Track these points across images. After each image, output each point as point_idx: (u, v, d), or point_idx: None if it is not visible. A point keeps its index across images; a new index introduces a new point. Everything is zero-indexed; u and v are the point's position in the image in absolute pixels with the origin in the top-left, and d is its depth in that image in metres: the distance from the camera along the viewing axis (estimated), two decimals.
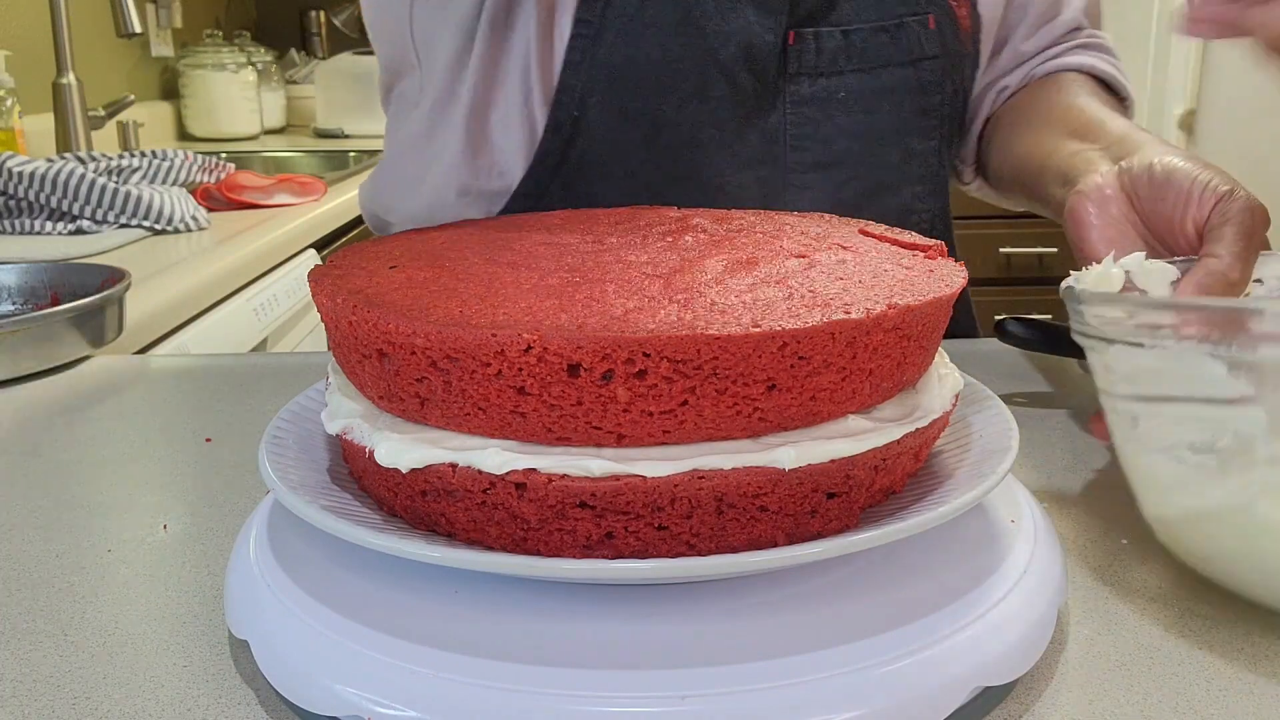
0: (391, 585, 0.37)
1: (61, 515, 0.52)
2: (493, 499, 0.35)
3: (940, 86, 0.78)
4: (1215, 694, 0.36)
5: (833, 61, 0.74)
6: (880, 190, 0.78)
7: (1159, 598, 0.42)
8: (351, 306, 0.36)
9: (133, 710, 0.36)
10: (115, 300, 0.80)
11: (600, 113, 0.72)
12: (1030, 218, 2.98)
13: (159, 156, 1.58)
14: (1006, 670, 0.35)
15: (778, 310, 0.34)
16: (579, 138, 0.73)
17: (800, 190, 0.76)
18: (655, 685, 0.32)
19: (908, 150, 0.78)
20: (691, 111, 0.72)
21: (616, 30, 0.71)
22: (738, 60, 0.72)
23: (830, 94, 0.75)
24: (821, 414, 0.35)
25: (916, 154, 0.78)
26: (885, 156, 0.77)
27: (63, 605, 0.44)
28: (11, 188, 1.36)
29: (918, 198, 0.80)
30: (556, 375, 0.33)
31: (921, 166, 0.79)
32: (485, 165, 0.76)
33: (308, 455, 0.43)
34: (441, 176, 0.77)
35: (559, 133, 0.73)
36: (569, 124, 0.73)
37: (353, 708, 0.32)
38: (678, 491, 0.33)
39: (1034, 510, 0.42)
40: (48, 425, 0.65)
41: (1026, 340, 0.63)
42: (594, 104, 0.72)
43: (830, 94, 0.75)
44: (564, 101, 0.72)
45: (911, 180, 0.79)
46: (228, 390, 0.71)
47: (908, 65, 0.76)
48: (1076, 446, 0.58)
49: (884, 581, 0.37)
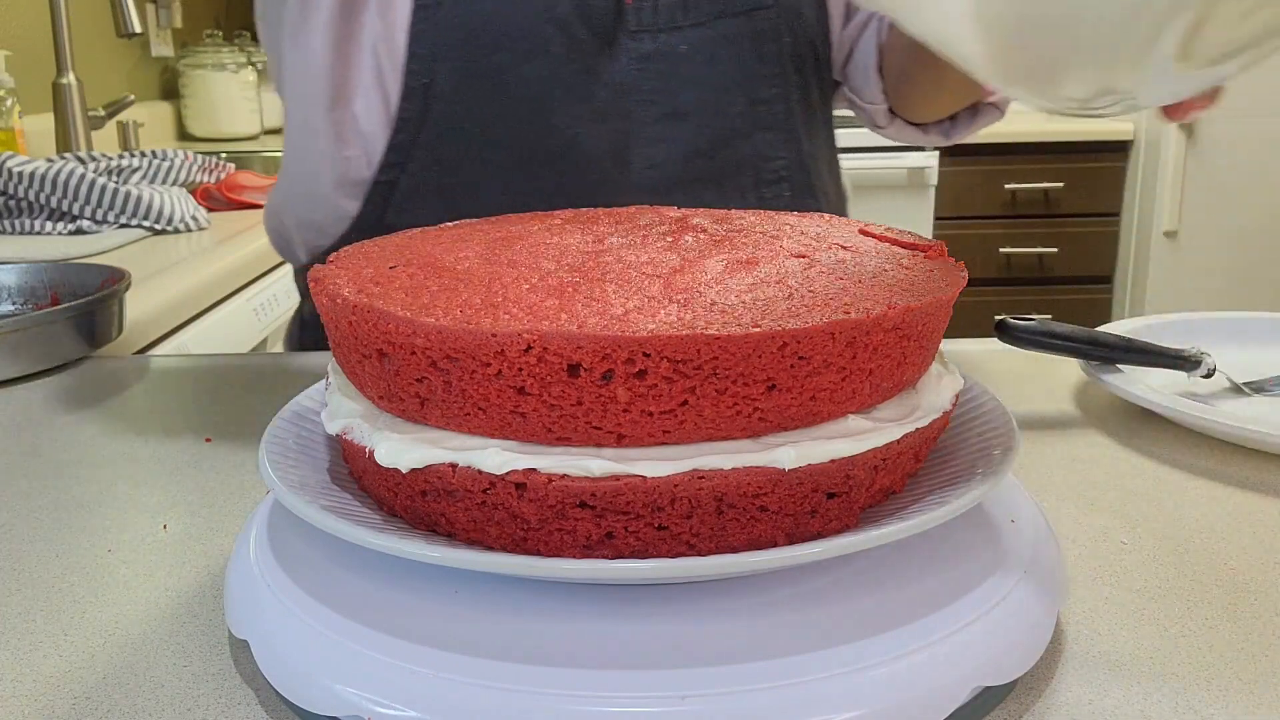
0: (391, 585, 0.37)
1: (61, 515, 0.52)
2: (493, 499, 0.35)
3: (777, 35, 0.81)
4: (1215, 694, 0.36)
5: (670, 18, 0.79)
6: (731, 138, 0.81)
7: (1159, 598, 0.42)
8: (351, 306, 0.36)
9: (133, 710, 0.36)
10: (115, 300, 0.80)
11: (449, 76, 0.76)
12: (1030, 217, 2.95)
13: (159, 156, 1.58)
14: (1006, 670, 0.35)
15: (778, 310, 0.34)
16: (433, 103, 0.76)
17: (653, 142, 0.79)
18: (655, 685, 0.32)
19: (752, 99, 0.81)
20: (535, 67, 0.76)
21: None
22: (572, 16, 0.75)
23: (672, 48, 0.78)
24: (821, 414, 0.35)
25: (763, 102, 0.81)
26: (731, 106, 0.80)
27: (63, 605, 0.44)
28: (11, 188, 1.36)
29: (770, 145, 0.83)
30: (556, 375, 0.33)
31: (769, 115, 0.82)
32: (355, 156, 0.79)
33: (308, 455, 0.43)
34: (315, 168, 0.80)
35: (413, 100, 0.76)
36: (421, 91, 0.76)
37: (353, 708, 0.32)
38: (678, 491, 0.33)
39: (1034, 510, 0.42)
40: (48, 425, 0.65)
41: (1026, 340, 0.63)
42: (442, 69, 0.75)
43: (672, 48, 0.78)
44: (414, 70, 0.75)
45: (761, 128, 0.82)
46: (228, 390, 0.71)
47: (742, 16, 0.80)
48: (1076, 447, 0.58)
49: (884, 581, 0.37)
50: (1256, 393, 0.64)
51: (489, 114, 0.77)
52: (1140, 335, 0.68)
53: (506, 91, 0.76)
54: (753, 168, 0.83)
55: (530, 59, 0.76)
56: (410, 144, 0.77)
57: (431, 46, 0.75)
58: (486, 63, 0.76)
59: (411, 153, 0.78)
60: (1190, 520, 0.49)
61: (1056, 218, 2.71)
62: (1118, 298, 2.76)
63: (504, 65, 0.76)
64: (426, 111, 0.76)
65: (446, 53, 0.75)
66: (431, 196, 0.78)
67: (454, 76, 0.76)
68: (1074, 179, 2.67)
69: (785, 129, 0.83)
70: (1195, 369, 0.64)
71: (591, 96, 0.77)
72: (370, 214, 0.80)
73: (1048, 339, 0.63)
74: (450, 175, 0.78)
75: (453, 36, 0.75)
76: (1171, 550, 0.46)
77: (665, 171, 0.79)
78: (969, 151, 2.63)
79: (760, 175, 0.84)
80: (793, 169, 0.84)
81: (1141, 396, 0.60)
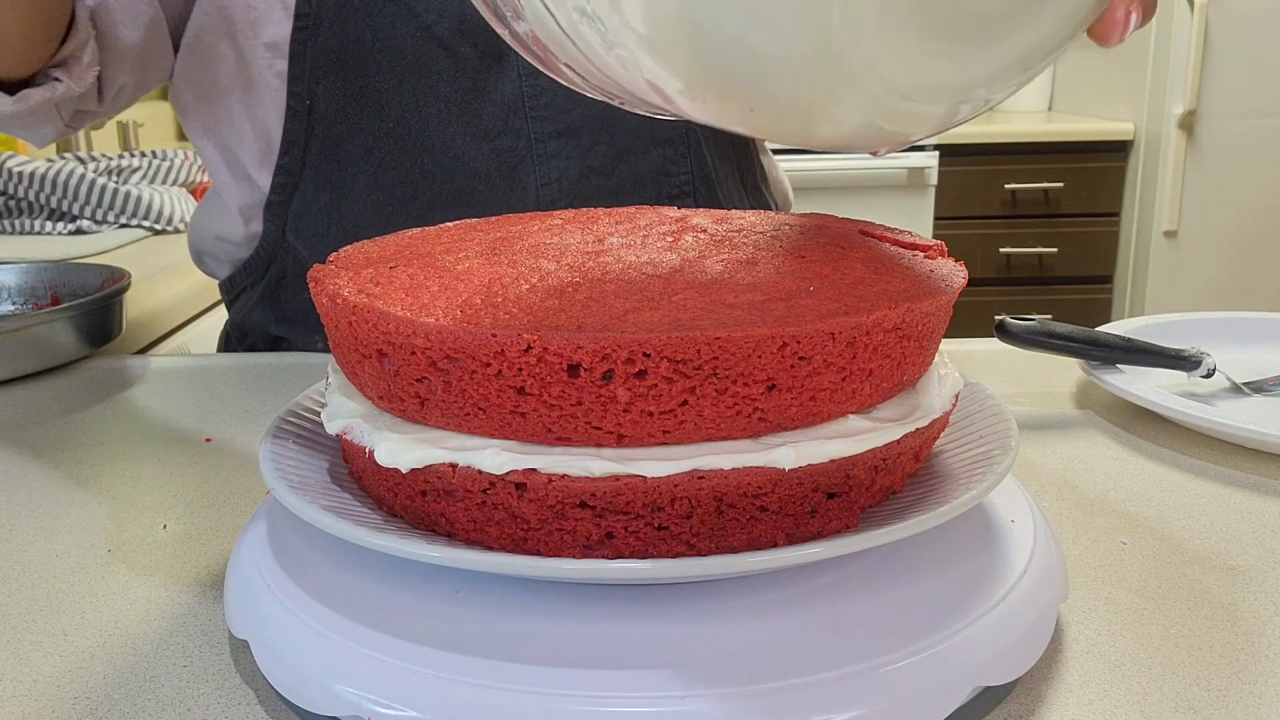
0: (391, 585, 0.37)
1: (61, 515, 0.52)
2: (493, 499, 0.35)
3: None
4: (1215, 694, 0.36)
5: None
6: (627, 154, 0.80)
7: (1159, 598, 0.42)
8: (351, 307, 0.36)
9: (133, 710, 0.36)
10: (115, 300, 0.80)
11: (329, 97, 0.76)
12: (1030, 217, 2.95)
13: (159, 156, 1.58)
14: (1006, 670, 0.35)
15: (778, 310, 0.34)
16: (316, 125, 0.77)
17: (546, 159, 0.78)
18: (655, 685, 0.32)
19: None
20: (412, 86, 0.76)
21: (332, 15, 0.75)
22: (454, 33, 0.75)
23: None
24: (821, 414, 0.35)
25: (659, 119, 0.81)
26: (625, 121, 0.79)
27: (63, 605, 0.44)
28: (11, 188, 1.36)
29: (669, 160, 0.82)
30: (556, 375, 0.33)
31: (666, 129, 0.81)
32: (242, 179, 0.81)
33: (308, 455, 0.43)
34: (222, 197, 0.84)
35: (297, 122, 0.77)
36: (305, 113, 0.77)
37: (353, 708, 0.32)
38: (678, 491, 0.33)
39: (1034, 510, 0.42)
40: (48, 425, 0.65)
41: (1026, 340, 0.63)
42: (321, 90, 0.76)
43: None
44: (296, 91, 0.76)
45: (658, 143, 0.82)
46: (228, 390, 0.71)
47: None
48: (1076, 447, 0.59)
49: (884, 581, 0.37)
50: (1256, 393, 0.64)
51: (369, 136, 0.77)
52: (1140, 335, 0.68)
53: (385, 113, 0.77)
54: (653, 183, 0.82)
55: (407, 78, 0.76)
56: (299, 166, 0.78)
57: (311, 68, 0.76)
58: (364, 83, 0.76)
59: (301, 174, 0.79)
60: (1190, 520, 0.49)
61: (1056, 218, 2.71)
62: (1118, 298, 2.76)
63: (382, 86, 0.76)
64: (310, 133, 0.77)
65: (324, 73, 0.76)
66: (323, 215, 0.79)
67: (334, 98, 0.76)
68: (1074, 179, 2.67)
69: (683, 142, 0.83)
70: (1195, 369, 0.64)
71: (476, 114, 0.77)
72: (273, 232, 0.82)
73: (1048, 339, 0.63)
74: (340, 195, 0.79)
75: (329, 57, 0.75)
76: (1171, 550, 0.46)
77: (561, 188, 0.79)
78: (969, 151, 2.64)
79: (661, 190, 0.82)
80: (696, 182, 0.83)
81: (1141, 396, 0.60)
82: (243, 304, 0.87)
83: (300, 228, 0.80)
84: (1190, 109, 2.46)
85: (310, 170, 0.78)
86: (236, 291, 0.88)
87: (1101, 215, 2.71)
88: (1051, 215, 2.71)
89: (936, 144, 2.59)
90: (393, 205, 0.78)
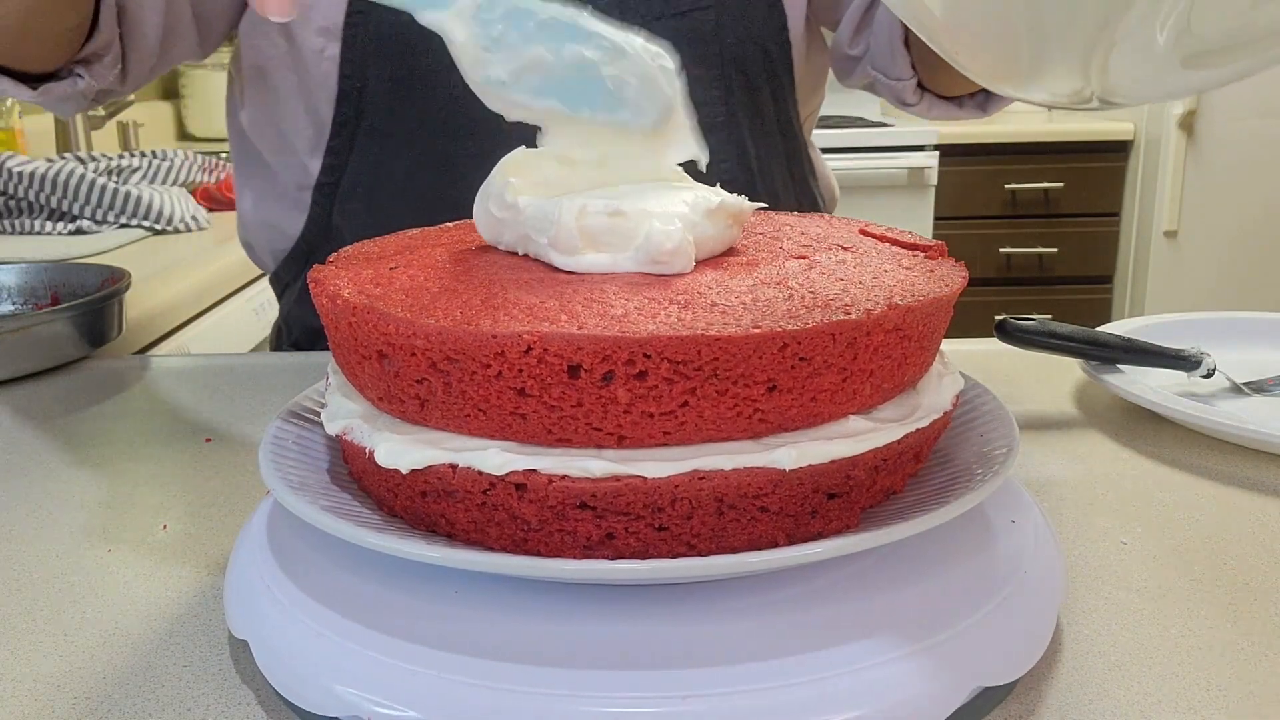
0: (391, 585, 0.37)
1: (61, 515, 0.52)
2: (493, 500, 0.35)
3: (717, 35, 0.81)
4: (1215, 694, 0.36)
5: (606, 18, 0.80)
6: None
7: (1159, 598, 0.42)
8: (351, 307, 0.36)
9: (133, 710, 0.36)
10: (115, 300, 0.80)
11: (378, 80, 0.79)
12: (1030, 217, 2.95)
13: (159, 156, 1.58)
14: (1006, 670, 0.35)
15: (778, 311, 0.34)
16: (366, 107, 0.80)
17: None
18: (655, 685, 0.32)
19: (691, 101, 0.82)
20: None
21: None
22: None
23: None
24: (822, 415, 0.35)
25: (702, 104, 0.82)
26: None
27: (63, 605, 0.44)
28: (11, 188, 1.36)
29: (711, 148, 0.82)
30: (557, 376, 0.33)
31: (708, 118, 0.81)
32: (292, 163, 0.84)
33: (308, 455, 0.43)
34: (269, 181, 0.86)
35: (348, 103, 0.80)
36: (355, 94, 0.79)
37: (353, 708, 0.32)
38: (678, 492, 0.33)
39: (1034, 510, 0.42)
40: (48, 425, 0.65)
41: (1026, 340, 0.63)
42: (373, 74, 0.79)
43: None
44: (348, 74, 0.79)
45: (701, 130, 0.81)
46: (228, 390, 0.71)
47: (679, 16, 0.80)
48: (1076, 447, 0.59)
49: (884, 581, 0.37)
50: (1256, 393, 0.64)
51: (415, 117, 0.79)
52: (1140, 335, 0.68)
53: (433, 95, 0.79)
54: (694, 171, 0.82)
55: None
56: (347, 149, 0.81)
57: (362, 53, 0.78)
58: (414, 65, 0.78)
59: (347, 159, 0.81)
60: (1190, 520, 0.49)
61: (1056, 218, 2.71)
62: (1118, 298, 2.76)
63: (430, 68, 0.78)
64: (360, 115, 0.80)
65: (375, 58, 0.78)
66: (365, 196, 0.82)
67: (383, 81, 0.79)
68: (1074, 179, 2.67)
69: (727, 131, 0.83)
70: (1195, 369, 0.64)
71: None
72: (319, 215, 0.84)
73: (1048, 339, 0.63)
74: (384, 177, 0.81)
75: (380, 43, 0.78)
76: (1171, 550, 0.46)
77: None
78: (969, 151, 2.63)
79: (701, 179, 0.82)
80: (737, 172, 0.84)
81: (1141, 396, 0.60)
82: (287, 299, 0.91)
83: (346, 210, 0.82)
84: (1190, 109, 2.46)
85: (357, 154, 0.80)
86: (282, 286, 0.91)
87: (1101, 215, 2.71)
88: (1051, 215, 2.71)
89: (937, 144, 2.59)
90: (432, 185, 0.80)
